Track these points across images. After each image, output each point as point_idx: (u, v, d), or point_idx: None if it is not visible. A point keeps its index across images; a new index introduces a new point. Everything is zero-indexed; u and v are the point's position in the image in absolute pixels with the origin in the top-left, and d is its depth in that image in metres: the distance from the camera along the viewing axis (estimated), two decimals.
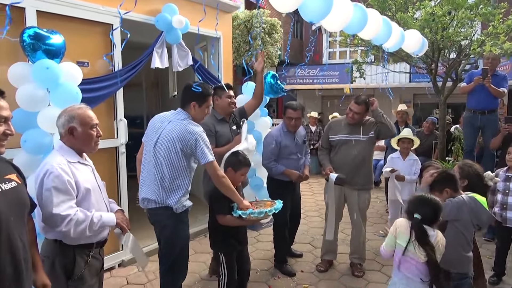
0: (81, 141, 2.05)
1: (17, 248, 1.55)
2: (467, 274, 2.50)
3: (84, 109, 2.08)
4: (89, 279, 2.01)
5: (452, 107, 12.86)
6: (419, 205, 2.25)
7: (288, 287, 3.53)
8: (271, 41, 11.71)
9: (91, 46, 3.55)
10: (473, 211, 2.46)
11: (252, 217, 2.69)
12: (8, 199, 1.53)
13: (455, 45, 5.68)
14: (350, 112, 3.68)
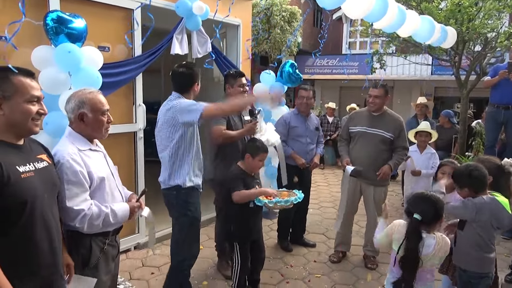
0: (92, 128, 1.97)
1: (51, 226, 1.61)
2: (486, 274, 2.43)
3: (95, 94, 1.99)
4: (105, 266, 2.00)
5: (475, 101, 12.54)
6: (419, 203, 2.15)
7: (300, 276, 3.55)
8: (290, 30, 11.58)
9: (112, 31, 3.58)
10: (494, 213, 2.36)
11: (278, 205, 2.73)
12: (42, 177, 1.59)
13: (481, 38, 5.52)
14: (370, 97, 3.65)
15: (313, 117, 4.26)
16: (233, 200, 2.79)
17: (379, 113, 3.68)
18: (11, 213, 1.47)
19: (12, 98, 1.50)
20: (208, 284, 3.38)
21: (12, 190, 1.45)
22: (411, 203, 2.20)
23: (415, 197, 2.22)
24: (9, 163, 1.46)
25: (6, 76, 1.51)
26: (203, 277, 3.49)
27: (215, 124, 3.30)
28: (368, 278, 3.35)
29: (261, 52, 11.80)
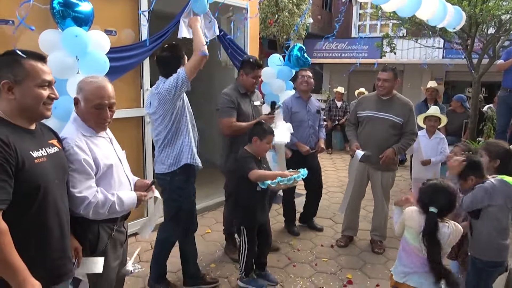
0: (82, 117, 1.91)
1: (61, 211, 1.63)
2: (501, 263, 2.40)
3: (96, 84, 1.90)
4: (113, 252, 2.00)
5: (486, 85, 12.33)
6: (434, 195, 2.10)
7: (307, 260, 3.58)
8: (299, 13, 11.40)
9: (118, 14, 3.55)
10: (506, 193, 2.33)
11: (281, 185, 2.70)
12: (54, 163, 1.60)
13: (495, 20, 5.36)
14: (379, 81, 3.60)
15: (313, 100, 4.23)
16: (250, 178, 2.76)
17: (388, 97, 3.64)
18: (25, 199, 1.48)
19: (23, 82, 1.49)
20: (216, 266, 3.43)
21: (27, 176, 1.46)
22: (426, 194, 2.14)
23: (429, 188, 2.16)
24: (23, 148, 1.47)
25: (17, 60, 1.50)
26: (211, 260, 3.54)
27: (225, 117, 3.31)
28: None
29: (269, 35, 11.66)
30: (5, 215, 1.39)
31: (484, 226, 2.38)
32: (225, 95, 3.38)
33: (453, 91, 14.26)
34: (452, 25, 4.39)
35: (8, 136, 1.43)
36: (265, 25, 11.25)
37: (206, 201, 4.84)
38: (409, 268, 2.20)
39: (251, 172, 2.77)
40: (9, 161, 1.40)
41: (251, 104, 3.48)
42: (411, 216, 2.19)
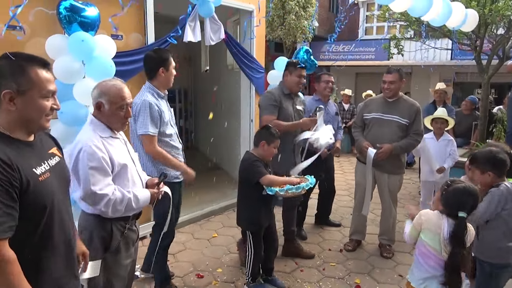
0: (107, 119, 2.00)
1: (67, 226, 1.55)
2: (510, 265, 2.35)
3: (117, 87, 2.00)
4: (125, 250, 2.05)
5: (496, 86, 12.16)
6: (464, 199, 2.05)
7: (314, 265, 3.54)
8: (305, 15, 11.39)
9: (124, 19, 3.56)
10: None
11: (289, 192, 2.68)
12: (57, 175, 1.50)
13: (505, 20, 5.29)
14: (384, 83, 3.57)
15: (331, 102, 4.34)
16: (263, 183, 2.74)
17: (395, 99, 3.60)
18: (31, 221, 1.36)
19: (27, 92, 1.35)
20: (223, 271, 3.40)
21: (32, 197, 1.34)
22: (454, 199, 2.08)
23: (458, 192, 2.09)
24: (26, 166, 1.34)
25: (21, 67, 1.35)
26: (218, 264, 3.51)
27: (266, 114, 3.31)
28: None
29: (275, 38, 11.65)
30: (10, 241, 1.28)
31: (492, 229, 2.33)
32: (268, 93, 3.42)
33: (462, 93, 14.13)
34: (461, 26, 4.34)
35: (9, 155, 1.30)
36: (271, 28, 11.24)
37: (211, 205, 4.82)
38: (427, 273, 2.15)
39: (264, 177, 2.74)
40: (13, 184, 1.27)
41: (294, 106, 3.46)
42: (429, 218, 2.15)
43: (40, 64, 1.41)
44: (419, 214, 2.22)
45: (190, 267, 3.45)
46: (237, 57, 4.70)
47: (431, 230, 2.12)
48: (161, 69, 2.75)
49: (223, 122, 6.39)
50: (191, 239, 4.04)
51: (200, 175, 6.12)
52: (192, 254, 3.71)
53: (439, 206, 2.18)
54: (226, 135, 6.21)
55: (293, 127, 3.29)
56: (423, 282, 2.16)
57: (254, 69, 4.93)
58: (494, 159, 2.34)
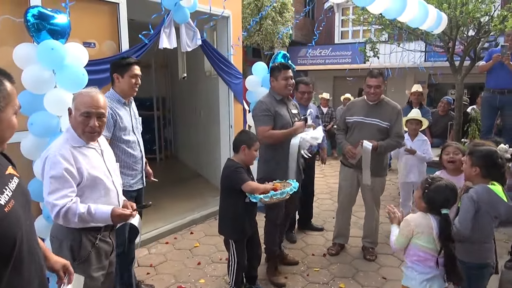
0: (73, 126, 1.97)
1: (38, 256, 1.37)
2: (487, 264, 2.37)
3: (86, 94, 1.97)
4: (97, 262, 1.99)
5: (468, 87, 12.51)
6: (445, 196, 2.10)
7: (298, 271, 3.50)
8: (282, 21, 11.46)
9: (98, 26, 3.47)
10: (490, 202, 2.29)
11: (274, 198, 2.64)
12: (20, 200, 1.29)
13: (475, 22, 5.44)
14: (370, 88, 3.52)
15: (312, 106, 4.36)
16: (245, 190, 2.69)
17: (376, 102, 3.61)
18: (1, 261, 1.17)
19: (5, 110, 1.22)
20: (206, 282, 3.32)
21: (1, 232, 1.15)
22: (436, 196, 2.12)
23: (439, 190, 2.13)
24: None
25: (1, 82, 1.22)
26: (201, 275, 3.43)
27: (260, 125, 3.24)
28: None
29: (252, 44, 11.68)
30: None
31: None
32: (260, 102, 3.32)
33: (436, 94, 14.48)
34: (433, 28, 4.44)
35: None
36: (248, 33, 11.26)
37: (193, 214, 4.73)
38: (429, 274, 2.17)
39: (245, 184, 2.69)
40: None
41: (289, 111, 3.35)
42: (419, 222, 2.15)
43: (10, 78, 1.28)
44: (405, 221, 2.21)
45: (171, 279, 3.36)
46: (214, 63, 4.66)
47: (424, 232, 2.13)
48: (115, 75, 2.76)
49: (202, 129, 6.33)
50: (172, 249, 3.95)
51: (180, 183, 6.10)
52: (173, 265, 3.62)
53: (421, 204, 2.20)
54: (206, 142, 6.15)
55: (288, 134, 3.19)
56: (427, 284, 2.17)
57: (232, 75, 4.89)
58: (491, 159, 2.33)
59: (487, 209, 2.29)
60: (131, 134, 2.83)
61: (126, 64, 2.77)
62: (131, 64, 2.77)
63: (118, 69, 2.76)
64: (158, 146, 7.87)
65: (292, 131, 3.20)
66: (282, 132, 3.19)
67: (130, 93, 2.82)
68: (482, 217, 2.30)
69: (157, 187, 3.28)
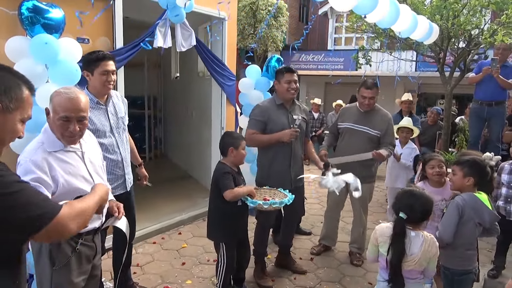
0: (51, 127, 1.83)
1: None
2: (470, 270, 2.43)
3: (65, 95, 1.80)
4: (77, 267, 1.90)
5: (457, 97, 12.71)
6: (406, 201, 2.11)
7: (285, 274, 3.51)
8: (276, 25, 11.51)
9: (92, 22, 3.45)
10: (475, 210, 2.35)
11: (272, 207, 2.70)
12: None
13: (465, 34, 5.54)
14: (364, 99, 3.55)
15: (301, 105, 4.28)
16: (226, 198, 2.70)
17: (369, 110, 3.63)
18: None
19: (12, 112, 1.22)
20: (193, 283, 3.31)
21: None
22: (399, 201, 2.16)
23: (401, 194, 2.19)
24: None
25: (18, 85, 1.24)
26: (188, 276, 3.42)
27: (248, 128, 3.26)
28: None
29: (246, 47, 11.70)
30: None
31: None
32: (257, 106, 3.33)
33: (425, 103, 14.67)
34: (425, 38, 4.52)
35: None
36: (243, 36, 11.29)
37: (181, 215, 4.71)
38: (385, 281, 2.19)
39: (227, 192, 2.70)
40: None
41: (289, 117, 3.28)
42: (383, 231, 2.18)
43: (30, 87, 1.30)
44: (374, 229, 2.24)
45: (158, 279, 3.34)
46: (208, 64, 4.66)
47: (386, 242, 2.14)
48: (85, 73, 2.58)
49: (193, 130, 6.31)
50: (159, 250, 3.92)
51: (169, 183, 6.07)
52: (160, 265, 3.60)
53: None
54: (197, 142, 6.13)
55: (271, 139, 3.17)
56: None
57: (225, 77, 4.90)
58: (482, 168, 2.41)
59: (472, 215, 2.35)
60: (107, 137, 2.64)
61: (95, 59, 2.53)
62: (101, 59, 2.52)
63: (87, 65, 2.55)
64: (148, 145, 7.83)
65: (277, 137, 3.14)
66: (266, 136, 3.18)
67: (103, 91, 2.61)
68: (466, 223, 2.36)
69: (146, 187, 3.25)
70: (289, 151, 3.27)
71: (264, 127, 3.22)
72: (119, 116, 2.76)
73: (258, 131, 3.21)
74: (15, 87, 1.23)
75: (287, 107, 3.32)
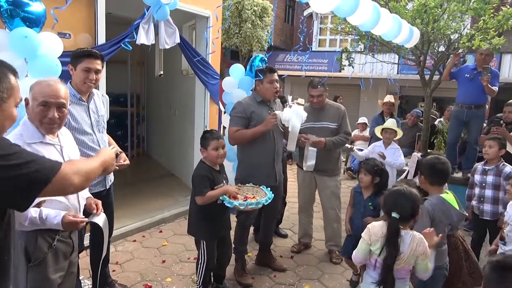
0: (31, 118, 1.84)
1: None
2: (441, 266, 2.49)
3: (45, 83, 1.84)
4: (53, 263, 1.88)
5: (438, 100, 12.99)
6: (397, 200, 2.13)
7: (266, 272, 3.54)
8: (261, 25, 11.55)
9: (74, 17, 3.41)
10: (442, 210, 2.41)
11: (249, 208, 2.70)
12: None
13: (445, 38, 5.68)
14: (313, 98, 3.76)
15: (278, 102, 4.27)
16: (197, 203, 2.72)
17: (321, 106, 3.80)
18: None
19: (7, 101, 1.28)
20: (172, 280, 3.31)
21: None
22: (389, 200, 2.16)
23: (393, 194, 2.18)
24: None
25: (5, 74, 1.28)
26: (168, 274, 3.41)
27: (231, 125, 3.26)
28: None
29: (231, 46, 11.71)
30: None
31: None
32: (238, 103, 3.33)
33: (407, 106, 14.95)
34: (405, 42, 4.61)
35: None
36: (228, 35, 11.29)
37: (163, 213, 4.69)
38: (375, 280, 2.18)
39: (197, 198, 2.72)
40: None
41: (271, 111, 3.32)
42: (376, 230, 2.16)
43: (14, 71, 1.34)
44: (367, 228, 2.23)
45: (137, 277, 3.32)
46: (192, 62, 4.66)
47: (378, 241, 2.14)
48: (69, 66, 2.58)
49: (176, 128, 6.29)
50: (139, 248, 3.90)
51: (151, 181, 6.03)
52: (140, 263, 3.58)
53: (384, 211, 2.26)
54: (179, 141, 6.11)
55: (256, 132, 3.18)
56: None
57: (209, 75, 4.90)
58: (432, 167, 2.49)
59: (441, 219, 2.42)
60: (88, 134, 2.63)
61: (81, 55, 2.52)
62: (86, 56, 2.51)
63: (72, 59, 2.55)
64: (130, 143, 7.75)
65: (262, 127, 3.17)
66: (251, 130, 3.20)
67: (82, 88, 2.57)
68: (438, 224, 2.42)
69: (127, 184, 3.23)
70: (272, 147, 3.30)
71: (247, 123, 3.24)
72: (99, 114, 2.75)
73: (241, 127, 3.23)
74: (3, 77, 1.27)
75: (267, 104, 3.38)
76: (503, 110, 4.84)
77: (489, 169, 3.53)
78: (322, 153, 3.66)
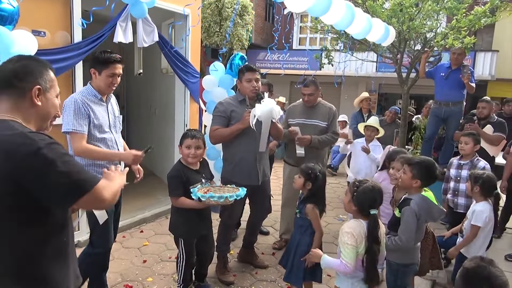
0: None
1: None
2: (414, 262, 2.57)
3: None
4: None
5: (415, 97, 13.28)
6: (373, 197, 2.17)
7: (247, 269, 3.56)
8: (242, 23, 11.54)
9: (49, 15, 3.35)
10: (425, 210, 2.45)
11: (211, 200, 2.57)
12: None
13: (421, 37, 5.81)
14: (304, 96, 3.86)
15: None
16: (172, 203, 2.74)
17: (314, 105, 3.90)
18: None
19: (49, 90, 1.48)
20: (154, 280, 3.29)
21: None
22: (363, 199, 2.17)
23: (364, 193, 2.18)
24: None
25: (46, 68, 1.48)
26: (149, 273, 3.40)
27: (212, 125, 3.27)
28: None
29: (212, 44, 11.66)
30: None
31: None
32: (219, 103, 3.35)
33: (386, 103, 15.22)
34: (381, 40, 4.70)
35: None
36: (208, 34, 11.24)
37: (143, 213, 4.66)
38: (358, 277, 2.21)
39: (172, 200, 2.78)
40: None
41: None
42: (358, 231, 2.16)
43: (51, 67, 1.53)
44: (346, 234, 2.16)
45: (118, 278, 3.30)
46: (171, 61, 4.63)
47: (362, 242, 2.15)
48: (92, 70, 2.62)
49: (156, 127, 6.23)
50: (120, 248, 3.86)
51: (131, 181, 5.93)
52: (120, 264, 3.55)
53: (351, 208, 2.25)
54: (160, 140, 6.06)
55: (233, 130, 3.17)
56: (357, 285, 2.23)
57: (189, 74, 4.88)
58: (431, 174, 2.50)
59: (426, 217, 2.48)
60: (108, 133, 2.69)
61: (105, 61, 2.59)
62: (111, 63, 2.60)
63: (96, 64, 2.60)
64: None
65: (239, 125, 3.15)
66: (228, 129, 3.22)
67: (106, 92, 2.69)
68: (421, 224, 2.48)
69: None
70: (254, 146, 3.28)
71: (227, 122, 3.26)
72: (116, 115, 2.82)
73: (221, 126, 3.24)
74: (45, 71, 1.47)
75: (248, 102, 3.36)
76: (477, 106, 5.00)
77: (464, 164, 3.65)
78: (309, 150, 3.75)
